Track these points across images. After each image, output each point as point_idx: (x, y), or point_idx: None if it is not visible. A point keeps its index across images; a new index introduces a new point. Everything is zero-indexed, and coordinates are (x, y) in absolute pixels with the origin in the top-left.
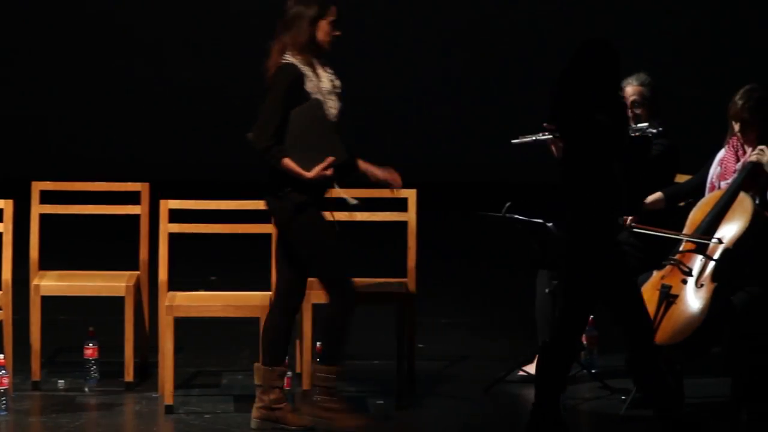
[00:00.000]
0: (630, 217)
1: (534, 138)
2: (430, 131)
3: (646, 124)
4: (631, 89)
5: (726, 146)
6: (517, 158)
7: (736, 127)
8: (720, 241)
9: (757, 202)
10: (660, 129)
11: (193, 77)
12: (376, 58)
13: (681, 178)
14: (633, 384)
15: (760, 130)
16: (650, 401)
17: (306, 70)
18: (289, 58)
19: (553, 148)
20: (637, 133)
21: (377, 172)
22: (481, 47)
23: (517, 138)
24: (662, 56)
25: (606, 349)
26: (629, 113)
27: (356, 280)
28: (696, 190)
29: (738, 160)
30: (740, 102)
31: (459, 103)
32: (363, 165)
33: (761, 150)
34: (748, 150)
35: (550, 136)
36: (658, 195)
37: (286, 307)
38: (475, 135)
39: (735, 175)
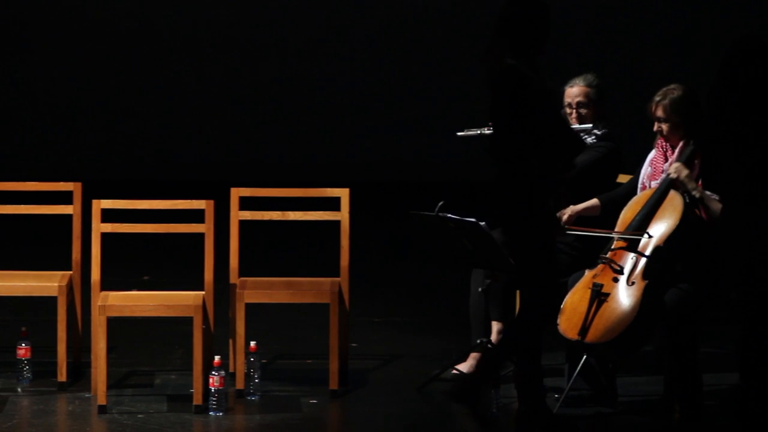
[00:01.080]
0: (562, 220)
1: (479, 131)
2: (362, 130)
3: (590, 125)
4: (576, 90)
5: (655, 146)
6: (450, 157)
7: (655, 126)
8: (649, 236)
9: (687, 200)
10: (604, 131)
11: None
12: (308, 56)
13: (623, 179)
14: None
15: (680, 130)
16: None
17: None
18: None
19: None
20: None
21: None
22: (414, 45)
23: (462, 131)
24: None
25: None
26: (573, 113)
27: (289, 279)
28: (632, 195)
29: (667, 160)
30: (656, 101)
31: (391, 102)
32: None
33: (677, 168)
34: (676, 150)
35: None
36: (593, 202)
37: None
38: (407, 134)
39: (664, 175)
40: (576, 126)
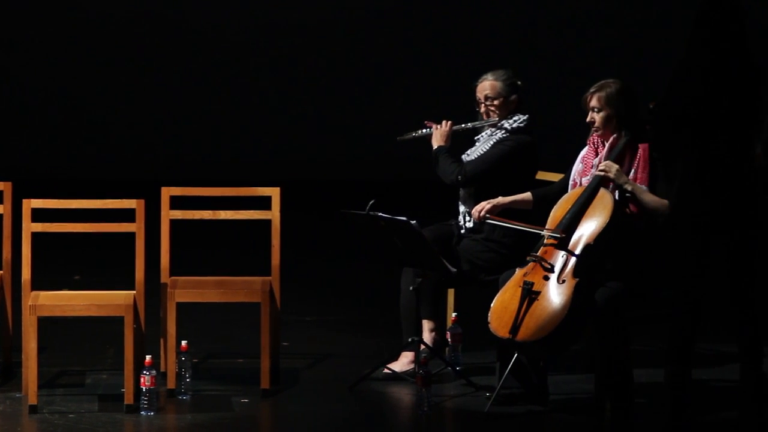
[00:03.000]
0: (483, 209)
1: (414, 134)
2: (293, 129)
3: (496, 119)
4: (486, 84)
5: (588, 143)
6: (380, 156)
7: (588, 117)
8: (564, 232)
9: (617, 198)
10: (515, 125)
11: None
12: (236, 55)
13: (547, 176)
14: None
15: (613, 123)
16: None
17: None
18: None
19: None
20: (468, 125)
21: None
22: (343, 45)
23: (401, 135)
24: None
25: (470, 347)
26: (482, 109)
27: (220, 278)
28: (566, 191)
29: (598, 156)
30: (592, 93)
31: (322, 101)
32: None
33: (606, 166)
34: (607, 145)
35: (429, 132)
36: (525, 195)
37: None
38: (338, 133)
39: (594, 171)
40: (483, 121)
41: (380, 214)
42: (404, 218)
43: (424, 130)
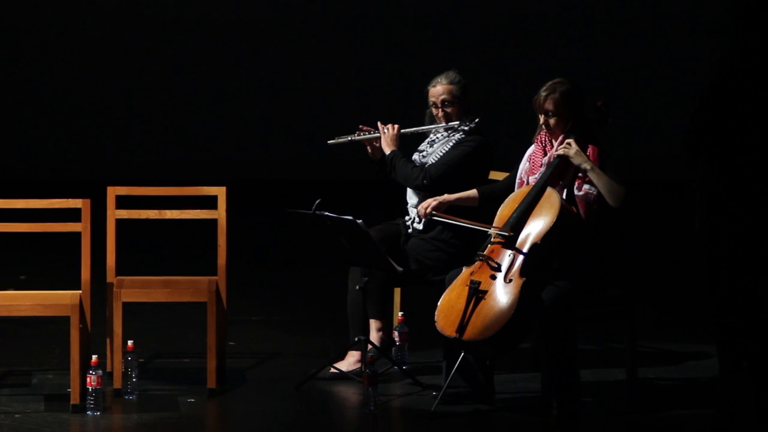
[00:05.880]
0: (429, 206)
1: (350, 138)
2: (239, 129)
3: (457, 122)
4: (441, 88)
5: (535, 141)
6: (325, 156)
7: (542, 119)
8: (512, 230)
9: (564, 197)
10: (471, 126)
11: None
12: (182, 57)
13: (495, 175)
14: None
15: (565, 124)
16: None
17: None
18: None
19: (369, 148)
20: (419, 129)
21: None
22: (293, 45)
23: (333, 139)
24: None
25: (416, 346)
26: (439, 113)
27: (166, 278)
28: (511, 189)
29: (546, 155)
30: (544, 95)
31: (267, 101)
32: None
33: (568, 143)
34: (555, 144)
35: (367, 136)
36: (471, 192)
37: None
38: (284, 132)
39: (542, 170)
40: (443, 124)
41: (326, 213)
42: (350, 217)
43: (359, 134)
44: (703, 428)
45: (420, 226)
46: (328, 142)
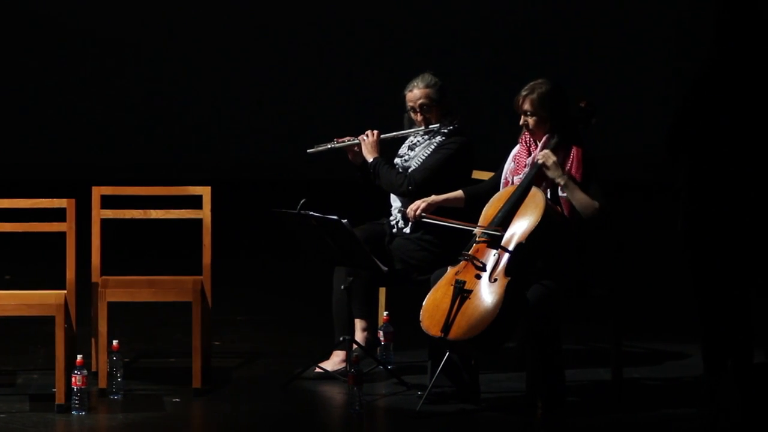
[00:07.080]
0: (418, 208)
1: (329, 146)
2: (224, 129)
3: (437, 125)
4: (418, 92)
5: (520, 141)
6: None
7: (521, 120)
8: (504, 230)
9: (548, 196)
10: (453, 127)
11: None
12: (168, 58)
13: (478, 175)
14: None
15: (546, 124)
16: None
17: None
18: None
19: (350, 154)
20: (398, 134)
21: None
22: (278, 46)
23: (312, 147)
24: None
25: (401, 346)
26: (418, 117)
27: (151, 278)
28: (496, 189)
29: (530, 155)
30: (523, 95)
31: (253, 102)
32: None
33: (545, 154)
34: (539, 144)
35: (348, 143)
36: (458, 193)
37: None
38: (269, 132)
39: (527, 170)
40: (422, 128)
41: (311, 213)
42: (335, 217)
43: (337, 142)
44: (688, 427)
45: (407, 230)
46: (308, 150)
